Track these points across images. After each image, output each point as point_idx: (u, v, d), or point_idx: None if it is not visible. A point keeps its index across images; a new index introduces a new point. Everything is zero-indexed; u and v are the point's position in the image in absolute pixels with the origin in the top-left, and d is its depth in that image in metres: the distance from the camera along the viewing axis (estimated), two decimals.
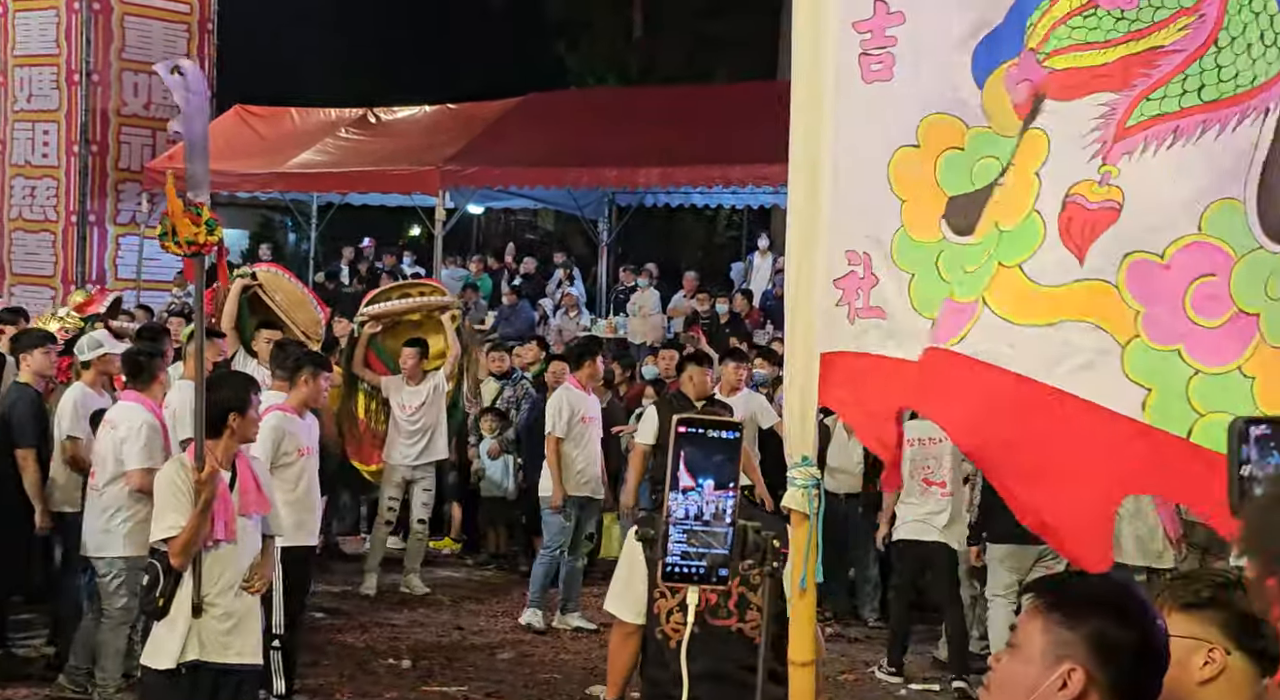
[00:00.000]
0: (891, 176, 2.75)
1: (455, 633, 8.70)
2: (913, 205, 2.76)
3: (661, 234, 25.78)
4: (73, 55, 17.34)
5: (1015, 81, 2.66)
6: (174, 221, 4.82)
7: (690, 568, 2.72)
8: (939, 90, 2.73)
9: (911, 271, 2.76)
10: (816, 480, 2.75)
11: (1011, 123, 2.68)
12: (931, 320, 2.71)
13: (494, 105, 16.52)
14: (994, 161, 2.69)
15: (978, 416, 2.63)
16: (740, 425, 2.78)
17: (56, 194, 17.58)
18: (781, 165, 11.13)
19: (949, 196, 2.73)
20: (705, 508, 2.69)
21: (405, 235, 25.76)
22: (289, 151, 16.37)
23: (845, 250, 2.79)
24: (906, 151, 2.74)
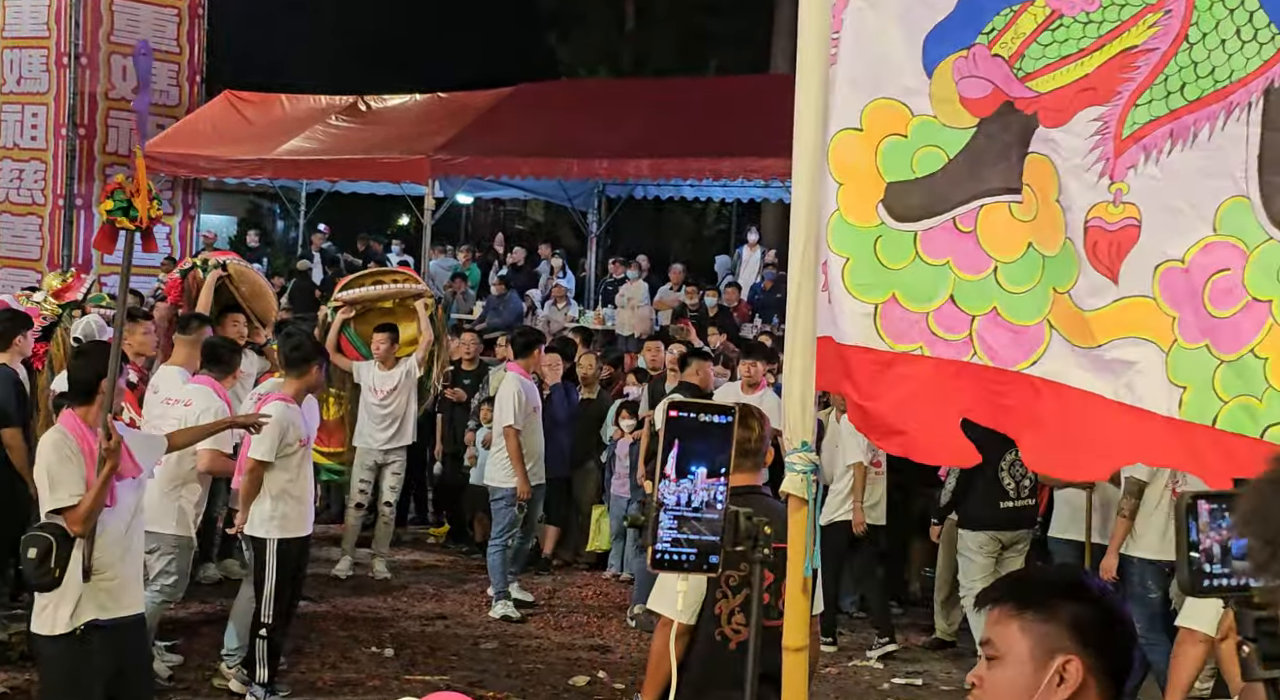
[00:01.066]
0: (830, 159, 2.77)
1: (439, 622, 8.70)
2: (849, 189, 2.78)
3: (650, 226, 25.78)
4: (62, 38, 17.25)
5: (965, 75, 2.69)
6: (136, 199, 4.86)
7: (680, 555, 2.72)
8: (886, 75, 2.75)
9: (846, 255, 2.79)
10: (815, 465, 2.75)
11: (959, 115, 2.71)
12: (873, 305, 2.76)
13: (485, 95, 16.49)
14: (937, 151, 2.73)
15: (1053, 436, 2.71)
16: (733, 409, 2.78)
17: (44, 177, 17.51)
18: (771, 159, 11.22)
19: (888, 182, 2.76)
20: (696, 495, 2.69)
21: (394, 224, 25.71)
22: (278, 138, 16.32)
23: None
24: (847, 135, 2.77)
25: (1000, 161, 2.71)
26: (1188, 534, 1.63)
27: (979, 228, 2.74)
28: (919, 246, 2.78)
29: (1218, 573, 1.63)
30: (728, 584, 3.85)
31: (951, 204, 2.75)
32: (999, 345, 2.72)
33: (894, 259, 2.78)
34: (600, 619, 8.95)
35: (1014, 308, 2.71)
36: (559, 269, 18.02)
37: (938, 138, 2.73)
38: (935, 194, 2.75)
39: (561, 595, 9.60)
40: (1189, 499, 1.63)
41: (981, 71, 2.68)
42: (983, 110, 2.70)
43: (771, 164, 13.02)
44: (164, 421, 6.85)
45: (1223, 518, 1.64)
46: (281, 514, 6.78)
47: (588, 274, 18.78)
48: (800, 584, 2.75)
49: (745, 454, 4.00)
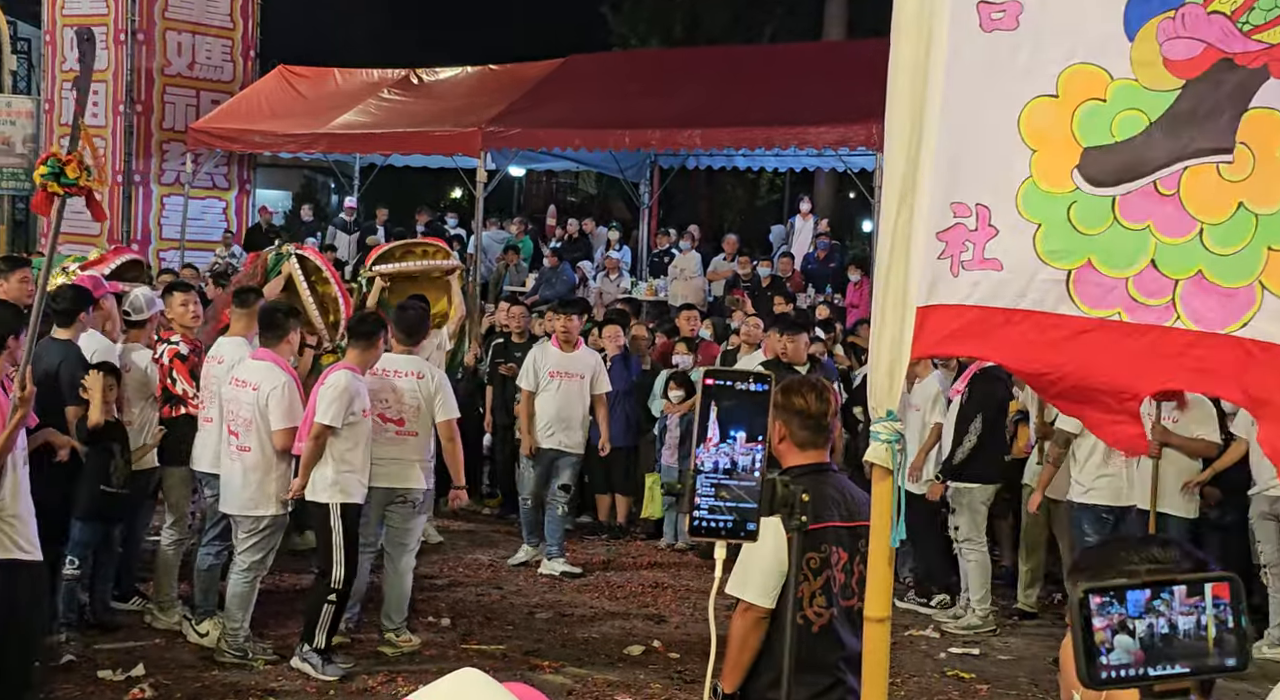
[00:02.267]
0: (1022, 126, 2.72)
1: (494, 592, 8.76)
2: (1044, 155, 2.73)
3: (703, 197, 25.70)
4: (120, 15, 17.41)
5: (1171, 36, 2.63)
6: (67, 163, 5.14)
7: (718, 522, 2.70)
8: (1083, 39, 2.70)
9: (1038, 222, 2.74)
10: (900, 435, 2.71)
11: (1163, 77, 2.66)
12: (1066, 271, 2.71)
13: (537, 66, 16.45)
14: (1138, 115, 2.67)
15: (1272, 394, 2.67)
16: (769, 377, 2.76)
17: (104, 154, 17.71)
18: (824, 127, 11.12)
19: (1084, 147, 2.71)
20: (737, 460, 2.67)
21: (447, 197, 25.80)
22: (332, 112, 16.39)
23: (951, 202, 2.76)
24: (1042, 101, 2.72)
25: (1209, 122, 2.64)
26: (1083, 627, 1.60)
27: (1182, 190, 2.67)
28: (1117, 211, 2.71)
29: (1116, 663, 1.60)
30: (809, 566, 3.78)
31: (1152, 167, 2.68)
32: (1205, 308, 2.67)
33: (1090, 224, 2.72)
34: (654, 589, 8.97)
35: (1222, 270, 2.65)
36: (615, 242, 18.00)
37: (1139, 101, 2.67)
38: (1135, 157, 2.69)
39: (616, 564, 9.64)
40: (1081, 592, 1.61)
41: (1191, 31, 2.63)
42: (1190, 71, 2.64)
43: (825, 132, 12.91)
44: (238, 405, 6.94)
45: (1113, 607, 1.60)
46: (344, 480, 6.87)
47: (640, 245, 18.75)
48: (885, 554, 2.71)
49: (819, 430, 3.96)
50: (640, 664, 7.36)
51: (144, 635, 7.35)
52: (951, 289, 2.77)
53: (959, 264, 2.77)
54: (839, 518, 3.86)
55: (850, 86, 12.86)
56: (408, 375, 7.43)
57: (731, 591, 3.91)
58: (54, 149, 5.34)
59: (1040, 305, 2.74)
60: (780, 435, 3.94)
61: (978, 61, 2.74)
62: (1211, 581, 1.61)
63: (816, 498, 3.74)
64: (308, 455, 6.83)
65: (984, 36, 2.73)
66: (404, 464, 7.38)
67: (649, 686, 6.94)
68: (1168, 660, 1.59)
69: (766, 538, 3.73)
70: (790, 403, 3.91)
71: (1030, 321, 2.75)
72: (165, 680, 6.62)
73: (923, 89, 2.74)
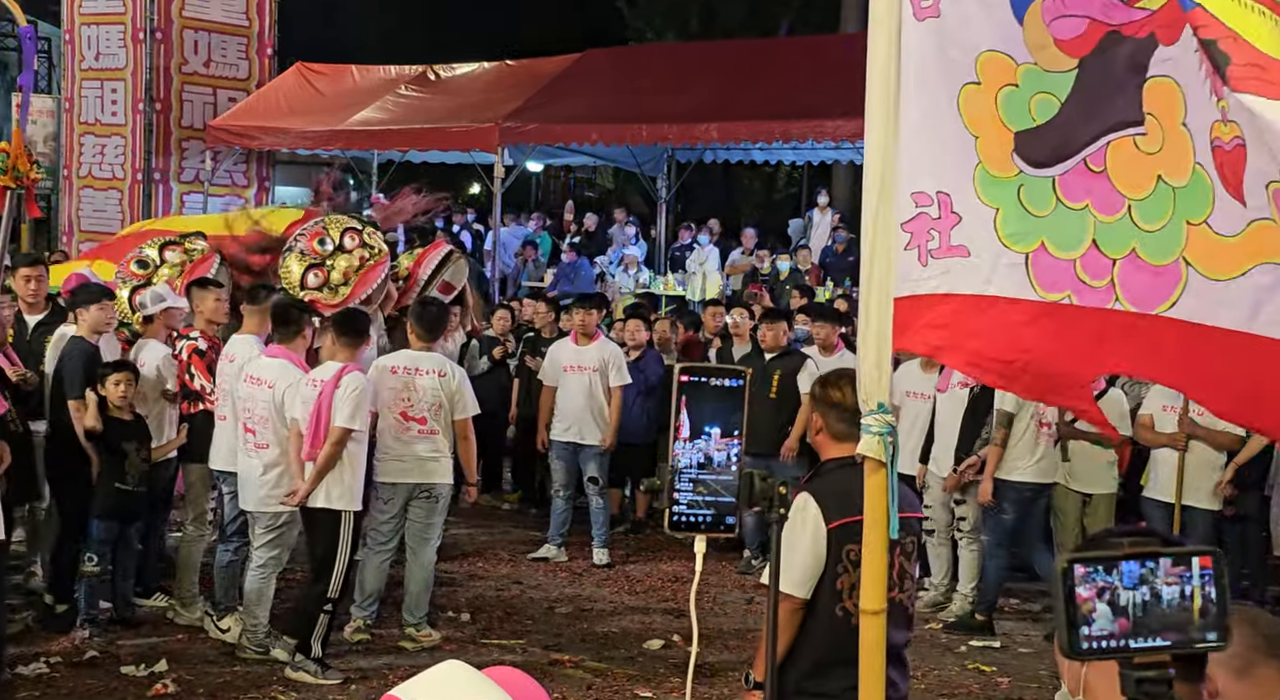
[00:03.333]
0: (962, 113, 2.71)
1: (514, 587, 8.78)
2: (985, 141, 2.73)
3: (720, 191, 25.65)
4: (138, 13, 17.47)
5: (1056, 16, 2.61)
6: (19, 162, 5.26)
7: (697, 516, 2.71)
8: (985, 27, 2.70)
9: (996, 206, 2.73)
10: (891, 427, 2.72)
11: (1058, 58, 2.63)
12: (1024, 254, 2.70)
13: (553, 62, 16.45)
14: (1048, 97, 2.65)
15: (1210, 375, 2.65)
16: (744, 373, 2.76)
17: (124, 152, 17.78)
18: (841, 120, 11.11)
19: (1014, 132, 2.70)
20: (713, 456, 2.67)
21: (465, 193, 25.82)
22: (349, 109, 16.42)
23: (911, 193, 2.76)
24: (970, 89, 2.71)
25: (1116, 96, 2.61)
26: (1066, 597, 1.59)
27: (1109, 166, 2.64)
28: (1058, 191, 2.69)
29: (1098, 635, 1.59)
30: (849, 558, 3.73)
31: (1078, 145, 2.66)
32: (1140, 288, 2.64)
33: (1038, 206, 2.70)
34: (674, 583, 8.98)
35: (1151, 248, 2.61)
36: (631, 236, 17.99)
37: (1044, 84, 2.65)
38: (1060, 138, 2.67)
39: (636, 559, 9.65)
40: (1064, 562, 1.60)
41: (1073, 9, 2.60)
42: (1081, 49, 2.61)
43: (842, 125, 12.87)
44: (254, 403, 6.96)
45: (1097, 575, 1.60)
46: (356, 487, 6.86)
47: (658, 239, 18.74)
48: (881, 547, 2.72)
49: (855, 423, 3.89)
50: (660, 658, 7.37)
51: (167, 631, 7.40)
52: (922, 279, 2.78)
53: (926, 253, 2.77)
54: None
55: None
56: (429, 373, 7.44)
57: (767, 581, 3.95)
58: (2, 145, 5.44)
59: (1004, 291, 2.74)
60: (817, 428, 3.93)
61: (917, 51, 2.75)
62: (1197, 554, 1.61)
63: (854, 490, 3.80)
64: (325, 460, 6.71)
65: (919, 26, 2.74)
66: (427, 460, 7.40)
67: (669, 680, 6.95)
68: (1150, 632, 1.59)
69: (804, 528, 3.72)
70: (827, 395, 3.89)
71: (996, 308, 2.75)
72: (188, 675, 6.66)
73: (894, 82, 2.75)
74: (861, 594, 2.70)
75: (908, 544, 3.90)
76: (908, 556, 3.92)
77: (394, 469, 7.41)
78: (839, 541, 3.71)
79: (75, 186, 18.14)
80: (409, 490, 7.41)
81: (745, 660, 7.29)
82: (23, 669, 6.60)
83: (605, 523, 9.56)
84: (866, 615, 2.67)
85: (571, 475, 9.58)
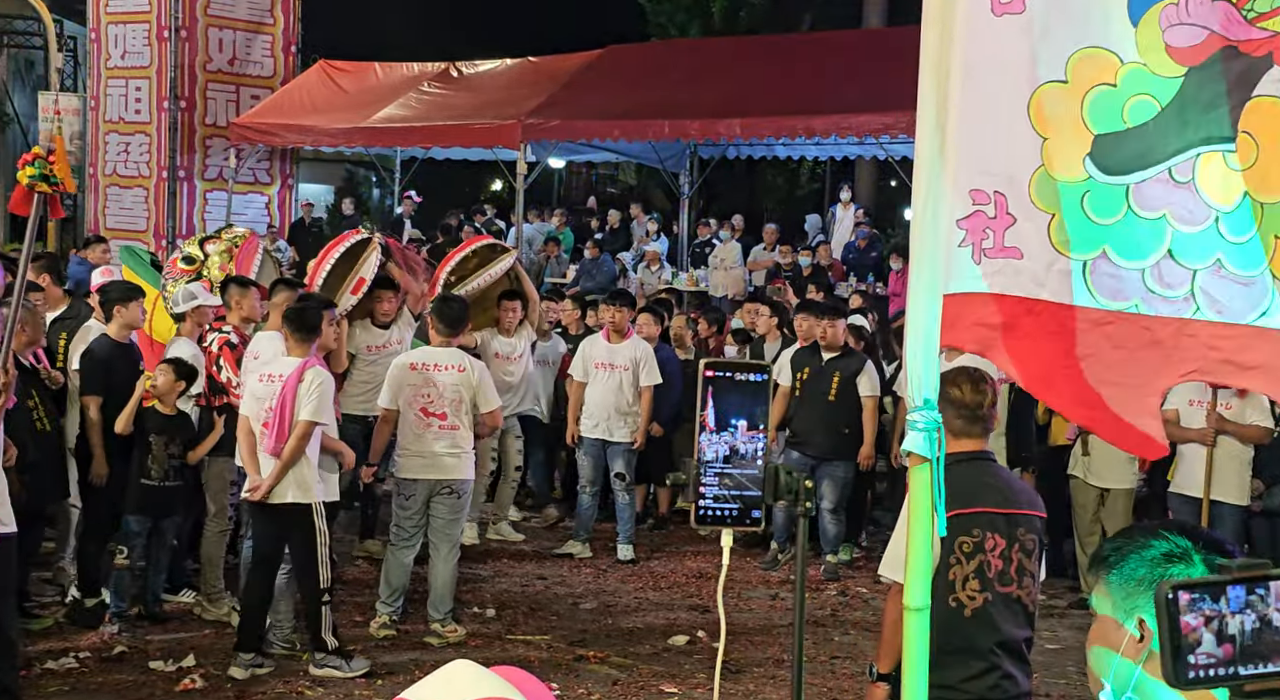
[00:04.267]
0: (1032, 114, 2.69)
1: (538, 582, 8.80)
2: (1054, 143, 2.69)
3: (743, 186, 25.62)
4: (163, 12, 17.56)
5: (1174, 23, 2.59)
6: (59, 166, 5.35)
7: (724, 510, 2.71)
8: (1090, 23, 2.66)
9: (1051, 211, 2.70)
10: (937, 423, 2.70)
11: (1166, 64, 2.61)
12: (1081, 261, 2.68)
13: (575, 58, 16.46)
14: (1149, 99, 2.63)
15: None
16: (767, 367, 2.75)
17: (149, 150, 17.89)
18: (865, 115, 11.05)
19: (1096, 134, 2.67)
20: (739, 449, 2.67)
21: (487, 189, 25.88)
22: (373, 106, 16.47)
23: (970, 189, 2.73)
24: (1052, 87, 2.68)
25: (1211, 110, 2.61)
26: (1170, 625, 1.56)
27: (1196, 177, 2.63)
28: (1131, 200, 2.67)
29: (1204, 663, 1.56)
30: (961, 550, 3.75)
31: (1165, 154, 2.64)
32: (1226, 298, 2.63)
33: (1104, 214, 2.68)
34: (698, 579, 8.98)
35: (1239, 259, 2.61)
36: (653, 232, 17.99)
37: (1149, 86, 2.63)
38: (1147, 144, 2.65)
39: (660, 555, 9.65)
40: (1169, 590, 1.57)
41: (1194, 18, 2.59)
42: (1192, 59, 2.60)
43: (866, 120, 12.84)
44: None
45: (1204, 603, 1.57)
46: (326, 478, 6.80)
47: (680, 235, 18.75)
48: (925, 544, 2.69)
49: (975, 419, 3.94)
50: (685, 654, 7.37)
51: (194, 626, 7.44)
52: (974, 277, 2.75)
53: (980, 251, 2.75)
54: (994, 504, 3.84)
55: (890, 74, 12.68)
56: (449, 369, 7.46)
57: (884, 573, 3.93)
58: (37, 150, 5.54)
59: (1057, 296, 2.71)
60: None
61: (989, 47, 2.71)
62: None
63: (969, 484, 3.80)
64: (290, 454, 6.58)
65: (995, 21, 2.70)
66: (448, 456, 7.42)
67: (694, 676, 6.94)
68: (1260, 658, 1.55)
69: None
70: (945, 392, 3.86)
71: (1049, 313, 2.72)
72: (215, 670, 6.69)
73: (945, 76, 2.73)
74: (906, 591, 2.68)
75: (1028, 541, 3.89)
76: (1028, 554, 3.90)
77: (414, 465, 7.43)
78: (952, 533, 3.72)
79: (101, 185, 18.25)
80: (430, 487, 7.43)
81: (770, 657, 7.29)
82: (52, 663, 6.65)
83: (631, 519, 9.57)
84: (909, 612, 2.66)
85: (598, 472, 9.59)
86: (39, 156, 5.45)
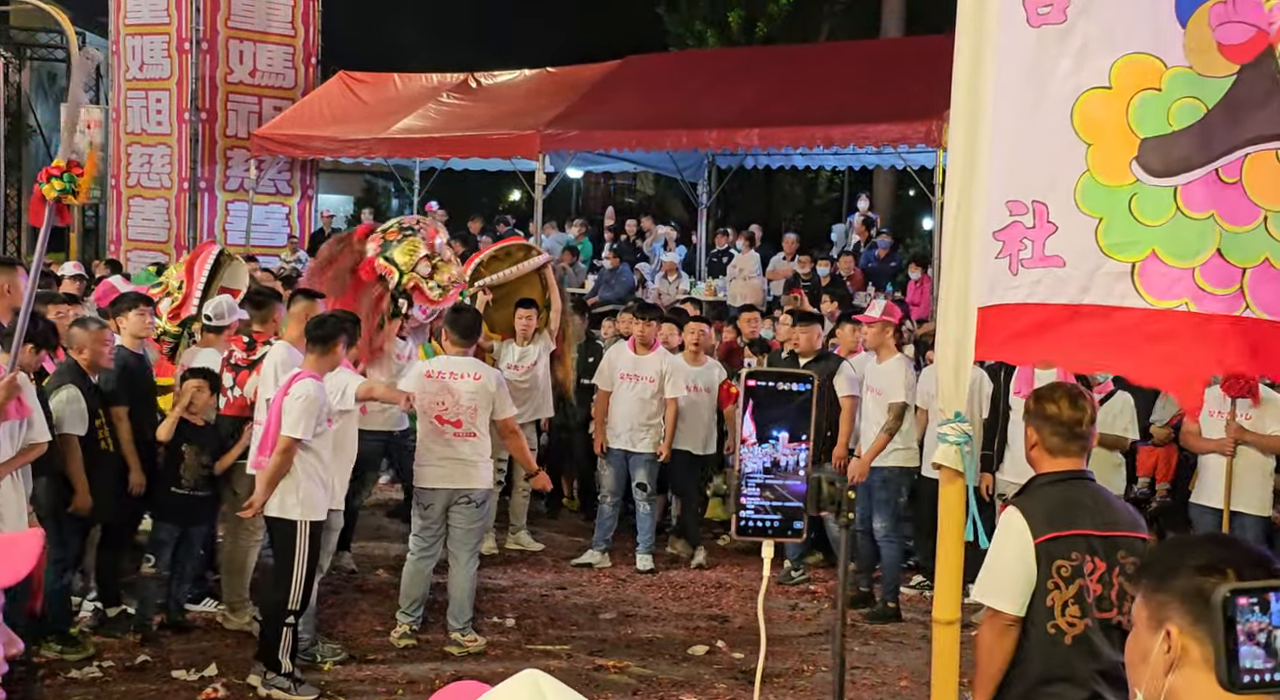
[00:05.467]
0: (1076, 121, 2.69)
1: (558, 592, 8.80)
2: (1099, 148, 2.70)
3: (761, 196, 25.62)
4: (183, 24, 17.68)
5: (1223, 21, 2.60)
6: (85, 180, 5.36)
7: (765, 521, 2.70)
8: (1134, 29, 2.66)
9: (1099, 216, 2.71)
10: (969, 436, 2.69)
11: (1217, 63, 2.62)
12: (1130, 263, 2.69)
13: (593, 68, 16.51)
14: (1195, 102, 2.63)
15: None
16: (811, 377, 2.74)
17: (170, 161, 18.00)
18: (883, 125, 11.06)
19: (1141, 138, 2.67)
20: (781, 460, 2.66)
21: (505, 199, 25.93)
22: (392, 117, 16.54)
23: (1006, 200, 2.73)
24: (1095, 94, 2.68)
25: (1263, 108, 2.60)
26: (1225, 629, 1.56)
27: (1244, 177, 2.63)
28: (1179, 201, 2.68)
29: (1260, 667, 1.55)
30: (1059, 574, 3.63)
31: (1213, 155, 2.65)
32: (1274, 297, 2.64)
33: (1152, 215, 2.69)
34: (718, 588, 8.98)
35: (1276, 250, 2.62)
36: (672, 242, 17.99)
37: (1195, 88, 2.64)
38: (1195, 146, 2.65)
39: (679, 564, 9.65)
40: (1227, 592, 1.56)
41: (1242, 16, 2.59)
42: (1244, 56, 2.60)
43: (884, 130, 12.84)
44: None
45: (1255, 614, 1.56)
46: (313, 496, 6.57)
47: (698, 245, 18.74)
48: (955, 557, 2.69)
49: (1073, 437, 3.79)
50: (704, 663, 7.37)
51: (216, 636, 7.46)
52: (1011, 288, 2.75)
53: (1018, 262, 2.75)
54: (1092, 526, 3.71)
55: (909, 83, 12.79)
56: (464, 377, 7.46)
57: (977, 597, 3.78)
58: (59, 162, 5.53)
59: (1105, 299, 2.72)
60: (1032, 442, 3.83)
61: (1027, 57, 2.71)
62: None
63: (1066, 505, 3.68)
64: (274, 469, 6.49)
65: (1032, 32, 2.70)
66: (465, 464, 7.42)
67: (714, 686, 6.94)
68: None
69: (1008, 543, 3.61)
70: (1042, 409, 3.78)
71: (1097, 316, 2.73)
72: (237, 680, 6.71)
73: (979, 88, 2.73)
74: (935, 604, 2.68)
75: (1129, 565, 3.75)
76: (1129, 578, 3.75)
77: (432, 474, 7.43)
78: (1049, 556, 3.62)
79: (124, 196, 18.37)
80: (448, 496, 7.43)
81: (790, 667, 7.29)
82: (76, 672, 6.68)
83: (651, 529, 9.57)
84: (938, 625, 2.65)
85: (620, 482, 9.59)
86: (65, 170, 5.46)
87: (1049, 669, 3.58)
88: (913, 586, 8.92)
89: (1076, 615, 3.65)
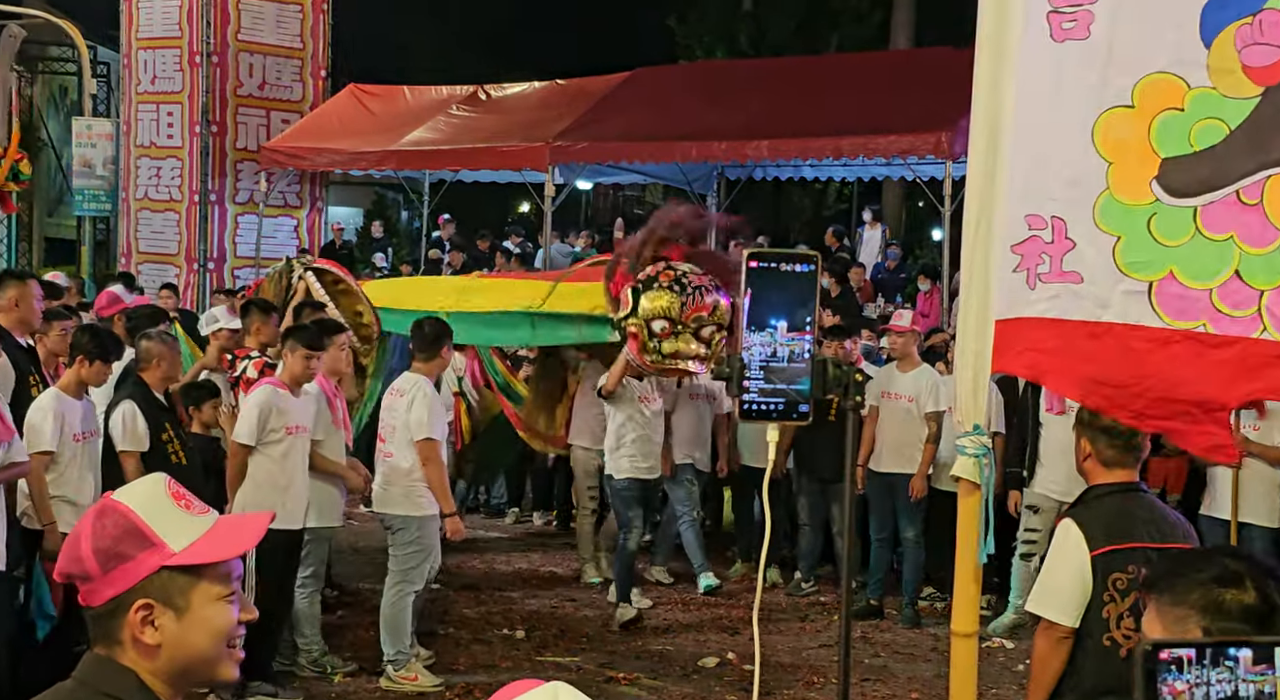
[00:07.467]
0: (1097, 138, 2.69)
1: (569, 604, 8.79)
2: (1120, 167, 2.69)
3: (770, 208, 25.60)
4: (194, 37, 17.75)
5: (1249, 43, 2.59)
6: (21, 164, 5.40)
7: (769, 404, 2.66)
8: (1158, 48, 2.66)
9: (1117, 234, 2.70)
10: (987, 448, 2.68)
11: (1242, 85, 2.61)
12: (1147, 283, 2.68)
13: (603, 80, 16.54)
14: (1217, 123, 2.63)
15: None
16: (814, 257, 2.71)
17: (181, 174, 18.05)
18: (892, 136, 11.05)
19: (1162, 158, 2.67)
20: (778, 350, 2.62)
21: (515, 211, 25.96)
22: (402, 129, 16.57)
23: (1026, 214, 2.73)
24: (1118, 112, 2.68)
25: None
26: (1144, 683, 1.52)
27: (1265, 199, 2.62)
28: (1199, 222, 2.67)
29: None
30: (1115, 587, 3.60)
31: (1234, 176, 2.64)
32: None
33: (1171, 236, 2.68)
34: (729, 601, 8.96)
35: None
36: None
37: (1218, 109, 2.64)
38: (1216, 167, 2.65)
39: (690, 576, 9.63)
40: (1148, 646, 1.52)
41: (1270, 37, 2.59)
42: (1269, 78, 2.60)
43: (893, 141, 12.84)
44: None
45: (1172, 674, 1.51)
46: (265, 504, 6.31)
47: None
48: (972, 570, 2.68)
49: (1129, 449, 3.78)
50: (714, 676, 7.35)
51: None
52: (1028, 302, 2.74)
53: (1035, 277, 2.74)
54: (1148, 539, 3.67)
55: (918, 95, 12.80)
56: (393, 393, 7.13)
57: (1032, 608, 3.75)
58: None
59: (1123, 317, 2.71)
60: (1085, 453, 3.81)
61: (1049, 73, 2.71)
62: None
63: (1122, 517, 3.66)
64: (230, 475, 6.46)
65: (1056, 47, 2.70)
66: (384, 489, 7.03)
67: (724, 698, 6.93)
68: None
69: (1064, 555, 3.60)
70: (1098, 420, 3.73)
71: (1113, 334, 2.72)
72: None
73: (999, 101, 2.73)
74: (953, 616, 2.66)
75: None
76: (1138, 589, 3.70)
77: (374, 497, 7.20)
78: (1105, 569, 3.60)
79: (133, 209, 18.42)
80: (382, 520, 7.15)
81: (800, 679, 7.27)
82: None
83: (700, 547, 9.29)
84: (957, 637, 2.64)
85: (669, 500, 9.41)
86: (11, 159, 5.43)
87: (1102, 681, 3.56)
88: (923, 598, 8.89)
89: (1132, 628, 3.60)
